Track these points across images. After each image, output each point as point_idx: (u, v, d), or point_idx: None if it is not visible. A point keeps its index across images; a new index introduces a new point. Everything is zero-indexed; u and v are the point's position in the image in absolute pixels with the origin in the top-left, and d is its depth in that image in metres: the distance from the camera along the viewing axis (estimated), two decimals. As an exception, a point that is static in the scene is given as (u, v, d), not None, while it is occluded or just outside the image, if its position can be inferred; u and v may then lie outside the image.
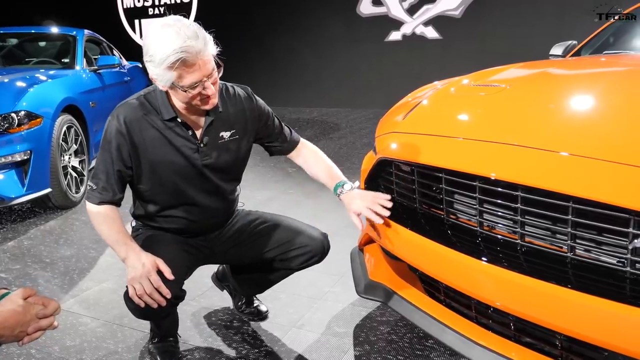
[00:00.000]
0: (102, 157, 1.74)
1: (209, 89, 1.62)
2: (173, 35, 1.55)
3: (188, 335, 2.10)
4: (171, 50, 1.53)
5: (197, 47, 1.56)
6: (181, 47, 1.53)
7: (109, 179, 1.73)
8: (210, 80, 1.62)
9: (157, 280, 1.59)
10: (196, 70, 1.58)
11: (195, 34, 1.57)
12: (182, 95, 1.64)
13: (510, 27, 7.22)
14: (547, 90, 1.86)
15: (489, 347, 1.49)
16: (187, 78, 1.58)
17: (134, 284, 1.59)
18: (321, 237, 1.90)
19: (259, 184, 4.29)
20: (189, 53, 1.54)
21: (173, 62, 1.54)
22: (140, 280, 1.58)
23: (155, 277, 1.59)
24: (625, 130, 1.41)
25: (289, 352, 1.97)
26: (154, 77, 1.62)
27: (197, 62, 1.57)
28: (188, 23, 1.60)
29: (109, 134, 1.73)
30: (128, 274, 1.61)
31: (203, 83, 1.61)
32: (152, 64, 1.59)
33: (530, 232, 1.39)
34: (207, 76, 1.61)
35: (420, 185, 1.68)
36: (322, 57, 8.67)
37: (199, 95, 1.63)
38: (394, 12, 8.11)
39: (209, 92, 1.63)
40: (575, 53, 2.86)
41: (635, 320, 1.15)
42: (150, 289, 1.58)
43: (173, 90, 1.65)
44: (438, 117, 1.84)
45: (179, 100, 1.68)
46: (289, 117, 7.97)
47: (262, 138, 1.94)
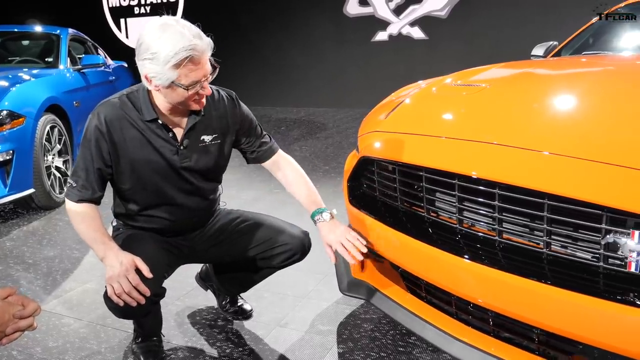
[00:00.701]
0: (82, 154, 1.74)
1: (206, 88, 1.65)
2: (178, 34, 1.56)
3: (172, 334, 2.10)
4: (180, 48, 1.54)
5: (202, 46, 1.59)
6: (190, 45, 1.55)
7: (88, 177, 1.73)
8: (207, 81, 1.64)
9: (135, 279, 1.58)
10: (200, 69, 1.60)
11: (199, 33, 1.60)
12: (179, 95, 1.63)
13: (495, 28, 7.28)
14: (526, 90, 1.89)
15: (468, 343, 1.51)
16: (190, 76, 1.59)
17: (112, 282, 1.58)
18: (302, 235, 1.91)
19: (245, 183, 4.29)
20: (197, 51, 1.57)
21: (181, 60, 1.55)
22: (118, 279, 1.57)
23: (133, 275, 1.58)
24: (598, 129, 1.44)
25: (272, 350, 1.98)
26: (151, 75, 1.61)
27: (202, 60, 1.59)
28: (189, 24, 1.62)
29: (89, 132, 1.72)
30: (106, 273, 1.60)
31: (202, 83, 1.62)
32: (152, 62, 1.58)
33: (508, 229, 1.42)
34: (206, 76, 1.63)
35: (401, 184, 1.70)
36: (309, 57, 8.67)
37: (196, 95, 1.64)
38: (380, 13, 8.14)
39: (206, 91, 1.65)
40: (556, 53, 2.90)
41: (608, 313, 1.17)
42: (128, 287, 1.57)
43: (170, 90, 1.63)
44: (419, 117, 1.86)
45: (172, 101, 1.67)
46: (276, 116, 7.97)
47: (241, 143, 1.94)
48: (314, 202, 1.88)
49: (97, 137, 1.71)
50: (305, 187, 1.93)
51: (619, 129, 1.40)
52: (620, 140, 1.34)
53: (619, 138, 1.35)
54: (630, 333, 1.17)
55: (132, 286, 1.58)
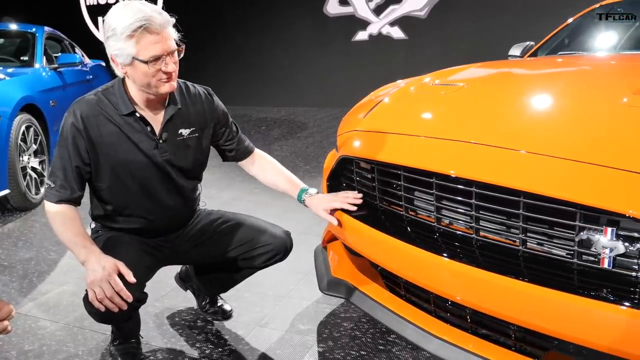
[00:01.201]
0: (60, 153, 1.71)
1: (169, 65, 1.62)
2: (136, 9, 1.57)
3: (151, 336, 2.08)
4: (134, 19, 1.55)
5: (160, 20, 1.58)
6: (144, 16, 1.55)
7: (67, 176, 1.70)
8: (171, 59, 1.62)
9: (117, 284, 1.55)
10: (158, 42, 1.58)
11: (159, 10, 1.61)
12: (142, 74, 1.61)
13: (473, 28, 7.36)
14: (502, 90, 1.92)
15: (446, 340, 1.52)
16: (148, 50, 1.57)
17: (94, 287, 1.54)
18: (284, 236, 1.91)
19: (225, 183, 4.27)
20: (152, 22, 1.56)
21: (134, 30, 1.55)
22: (100, 283, 1.54)
23: (115, 280, 1.55)
24: (572, 128, 1.46)
25: (252, 350, 1.98)
26: (113, 54, 1.61)
27: (161, 33, 1.58)
28: (152, 5, 1.62)
29: (65, 130, 1.70)
30: (87, 277, 1.57)
31: (164, 59, 1.60)
32: (113, 38, 1.59)
33: (485, 227, 1.43)
34: (169, 53, 1.61)
35: (380, 183, 1.71)
36: (290, 56, 8.67)
37: (159, 73, 1.62)
38: (360, 12, 8.16)
39: (169, 68, 1.62)
40: (532, 54, 2.94)
41: (581, 309, 1.19)
42: (110, 292, 1.54)
43: (132, 69, 1.62)
44: (398, 116, 1.87)
45: (138, 82, 1.66)
46: (257, 116, 7.94)
47: (219, 139, 1.93)
48: (296, 185, 1.91)
49: (74, 134, 1.68)
50: (283, 173, 1.97)
51: (592, 128, 1.43)
52: (593, 138, 1.37)
53: (592, 137, 1.38)
54: (603, 328, 1.19)
55: (115, 291, 1.54)
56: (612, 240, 1.18)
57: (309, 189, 1.88)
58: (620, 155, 1.25)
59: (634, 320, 1.13)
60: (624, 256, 1.19)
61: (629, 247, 1.16)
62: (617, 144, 1.31)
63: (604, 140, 1.34)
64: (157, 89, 1.66)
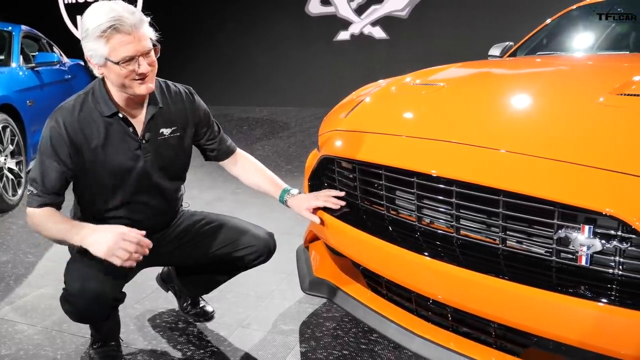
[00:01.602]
0: (40, 160, 1.67)
1: (142, 66, 1.58)
2: (108, 8, 1.55)
3: (131, 338, 2.06)
4: (105, 19, 1.52)
5: (131, 20, 1.55)
6: (114, 16, 1.52)
7: (48, 182, 1.65)
8: (146, 60, 1.59)
9: (132, 236, 1.54)
10: (130, 43, 1.55)
11: (132, 10, 1.57)
12: (115, 74, 1.59)
13: (454, 28, 7.41)
14: (482, 90, 1.93)
15: (428, 338, 1.53)
16: (119, 50, 1.54)
17: (114, 252, 1.52)
18: (267, 237, 1.91)
19: (207, 184, 4.24)
20: (122, 22, 1.53)
21: (104, 30, 1.52)
22: (119, 245, 1.52)
23: (130, 235, 1.55)
24: (550, 127, 1.48)
25: (234, 351, 1.97)
26: (88, 54, 1.59)
27: (132, 34, 1.54)
28: (127, 4, 1.60)
29: (46, 137, 1.66)
30: (97, 250, 1.54)
31: (137, 60, 1.57)
32: (86, 39, 1.56)
33: (466, 225, 1.44)
34: (143, 54, 1.58)
35: (361, 182, 1.71)
36: (272, 56, 8.64)
37: (133, 74, 1.59)
38: (342, 12, 8.17)
39: (142, 69, 1.58)
40: (511, 54, 2.97)
41: (560, 306, 1.21)
42: (133, 247, 1.53)
43: (106, 69, 1.60)
44: (379, 115, 1.88)
45: (113, 82, 1.64)
46: (239, 115, 7.91)
47: (201, 139, 1.92)
48: (278, 185, 1.91)
49: (56, 141, 1.64)
50: (265, 174, 1.96)
51: (570, 128, 1.44)
52: (571, 138, 1.38)
53: (570, 136, 1.39)
54: (581, 324, 1.21)
55: (135, 244, 1.54)
56: (589, 238, 1.19)
57: (291, 190, 1.88)
58: (597, 154, 1.27)
59: (611, 316, 1.15)
60: (601, 254, 1.21)
61: (606, 245, 1.18)
62: (594, 143, 1.32)
63: (581, 140, 1.36)
64: (132, 89, 1.63)
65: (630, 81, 1.66)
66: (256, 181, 1.96)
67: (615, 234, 1.18)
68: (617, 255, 1.19)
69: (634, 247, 1.16)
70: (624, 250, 1.18)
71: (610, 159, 1.22)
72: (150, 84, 1.65)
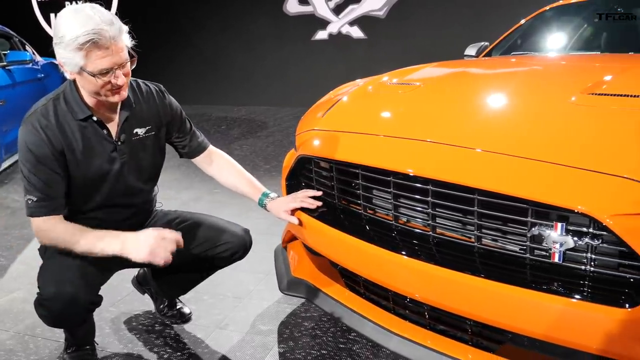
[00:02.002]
0: (27, 168, 1.60)
1: (119, 78, 1.55)
2: (85, 17, 1.49)
3: (107, 342, 2.03)
4: (83, 31, 1.47)
5: (110, 32, 1.50)
6: (93, 28, 1.47)
7: (46, 186, 1.60)
8: (122, 71, 1.56)
9: (171, 236, 1.60)
10: (108, 56, 1.51)
11: (111, 20, 1.52)
12: (90, 84, 1.56)
13: (431, 28, 7.47)
14: (457, 89, 1.95)
15: (406, 337, 1.54)
16: (97, 63, 1.51)
17: (158, 253, 1.57)
18: (242, 233, 1.90)
19: (185, 184, 4.20)
20: (102, 36, 1.48)
21: (83, 43, 1.47)
22: (160, 245, 1.57)
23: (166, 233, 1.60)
24: (523, 126, 1.50)
25: (212, 353, 1.95)
26: (61, 61, 1.54)
27: (110, 47, 1.51)
28: (104, 10, 1.55)
29: (28, 144, 1.60)
30: (139, 254, 1.57)
31: (114, 71, 1.54)
32: (60, 45, 1.51)
33: (442, 224, 1.45)
34: (120, 65, 1.55)
35: (338, 182, 1.71)
36: (250, 56, 8.60)
37: (109, 85, 1.56)
38: (320, 12, 8.17)
39: (119, 81, 1.56)
40: (487, 54, 3.00)
41: (534, 303, 1.23)
42: (173, 245, 1.59)
43: (81, 77, 1.56)
44: (356, 115, 1.88)
45: (87, 90, 1.60)
46: (217, 115, 7.85)
47: (173, 136, 1.90)
48: (258, 189, 1.91)
49: (38, 146, 1.59)
50: (243, 176, 1.95)
51: (543, 127, 1.46)
52: (544, 137, 1.40)
53: (543, 135, 1.41)
54: (555, 321, 1.22)
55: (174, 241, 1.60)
56: (562, 235, 1.21)
57: (270, 194, 1.88)
58: (569, 152, 1.29)
59: (583, 312, 1.17)
60: (574, 250, 1.23)
61: (578, 242, 1.20)
62: (566, 141, 1.35)
63: (554, 138, 1.38)
64: (105, 98, 1.60)
65: (601, 81, 1.69)
66: (234, 182, 1.95)
67: (587, 231, 1.20)
68: (589, 252, 1.21)
69: (605, 243, 1.19)
70: (596, 247, 1.20)
71: (582, 158, 1.24)
72: (124, 92, 1.62)
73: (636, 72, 1.84)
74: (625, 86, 1.60)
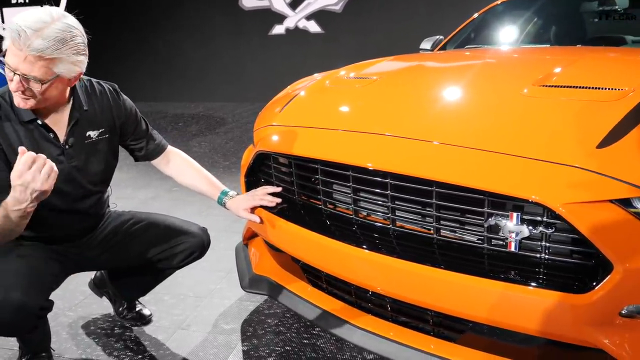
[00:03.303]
0: None
1: (13, 82, 1.47)
2: (30, 13, 1.45)
3: (64, 348, 1.96)
4: (20, 23, 1.42)
5: (34, 44, 1.42)
6: (22, 27, 1.42)
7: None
8: (20, 80, 1.47)
9: (40, 161, 1.38)
10: (14, 56, 1.45)
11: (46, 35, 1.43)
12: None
13: (388, 22, 7.53)
14: (413, 82, 1.97)
15: (369, 330, 1.55)
16: (8, 54, 1.46)
17: (33, 183, 1.37)
18: (200, 232, 1.87)
19: (141, 182, 4.11)
20: (20, 36, 1.42)
21: (10, 30, 1.43)
22: (31, 175, 1.37)
23: (35, 162, 1.38)
24: (478, 119, 1.53)
25: (174, 354, 1.92)
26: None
27: (22, 50, 1.43)
28: (59, 16, 1.48)
29: None
30: (20, 195, 1.39)
31: (13, 74, 1.47)
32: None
33: (401, 217, 1.46)
34: (22, 74, 1.46)
35: (298, 177, 1.71)
36: (206, 51, 8.47)
37: (11, 82, 1.49)
38: (276, 6, 8.11)
39: (12, 85, 1.48)
40: (441, 47, 3.05)
41: (492, 292, 1.25)
42: (47, 168, 1.39)
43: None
44: (313, 109, 1.87)
45: None
46: (173, 112, 7.71)
47: (128, 138, 1.84)
48: (216, 187, 1.88)
49: None
50: (201, 175, 1.92)
51: (497, 119, 1.50)
52: (497, 128, 1.44)
53: (496, 127, 1.45)
54: (512, 308, 1.26)
55: (43, 164, 1.39)
56: (517, 224, 1.24)
57: (229, 192, 1.85)
58: (522, 143, 1.32)
59: (540, 299, 1.20)
60: (529, 239, 1.26)
61: (533, 231, 1.23)
62: (518, 132, 1.38)
63: (507, 130, 1.41)
64: (14, 97, 1.53)
65: (551, 73, 1.73)
66: (192, 182, 1.91)
67: (541, 220, 1.23)
68: (543, 240, 1.24)
69: (559, 232, 1.22)
70: (550, 235, 1.23)
71: (534, 148, 1.28)
72: (29, 103, 1.53)
73: (583, 63, 1.90)
74: (573, 78, 1.65)
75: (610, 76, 1.70)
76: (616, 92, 1.45)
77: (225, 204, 1.83)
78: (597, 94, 1.47)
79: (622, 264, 1.13)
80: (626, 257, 1.14)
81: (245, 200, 1.79)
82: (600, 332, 1.20)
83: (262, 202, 1.74)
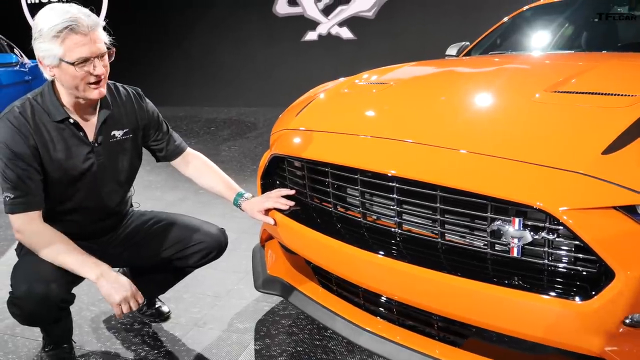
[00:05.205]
0: (2, 163, 1.61)
1: (97, 67, 1.57)
2: (62, 11, 1.54)
3: (85, 340, 2.04)
4: (60, 20, 1.51)
5: (87, 22, 1.54)
6: (70, 17, 1.52)
7: (24, 182, 1.61)
8: (100, 62, 1.59)
9: (139, 299, 1.66)
10: (86, 44, 1.54)
11: (88, 13, 1.57)
12: (69, 76, 1.56)
13: (420, 28, 7.51)
14: (427, 88, 1.98)
15: (375, 332, 1.56)
16: (74, 52, 1.53)
17: (124, 304, 1.60)
18: (218, 233, 1.91)
19: (170, 184, 4.21)
20: (78, 24, 1.52)
21: (60, 30, 1.51)
22: (130, 300, 1.61)
23: (139, 295, 1.66)
24: (487, 124, 1.53)
25: (189, 351, 1.97)
26: (40, 55, 1.57)
27: (88, 34, 1.54)
28: (81, 7, 1.59)
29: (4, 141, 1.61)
30: (112, 294, 1.59)
31: (92, 61, 1.56)
32: (39, 39, 1.54)
33: (407, 220, 1.47)
34: (98, 56, 1.57)
35: (310, 180, 1.73)
36: (240, 57, 8.62)
37: (88, 76, 1.57)
38: (309, 13, 8.20)
39: (97, 71, 1.57)
40: (466, 53, 3.03)
41: (495, 297, 1.25)
42: (135, 306, 1.63)
43: (60, 71, 1.57)
44: (327, 114, 1.90)
45: (66, 85, 1.61)
46: (206, 116, 7.86)
47: (149, 139, 1.91)
48: (232, 189, 1.92)
49: (16, 142, 1.60)
50: (220, 176, 1.97)
51: (506, 124, 1.49)
52: (505, 134, 1.43)
53: (504, 132, 1.44)
54: (515, 314, 1.25)
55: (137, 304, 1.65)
56: (519, 230, 1.23)
57: (245, 194, 1.89)
58: (527, 149, 1.31)
59: (541, 305, 1.19)
60: (532, 245, 1.25)
61: (535, 236, 1.23)
62: (525, 138, 1.37)
63: (514, 136, 1.40)
64: (84, 93, 1.61)
65: (567, 78, 1.71)
66: (210, 183, 1.96)
67: (543, 225, 1.22)
68: (546, 246, 1.23)
69: (561, 238, 1.21)
70: (552, 241, 1.22)
71: (538, 154, 1.27)
72: (103, 89, 1.64)
73: (601, 70, 1.87)
74: (587, 84, 1.63)
75: (625, 82, 1.67)
76: (627, 99, 1.42)
77: (241, 205, 1.87)
78: (607, 100, 1.44)
79: (625, 272, 1.11)
80: (629, 265, 1.12)
81: (259, 202, 1.82)
82: (604, 340, 1.18)
83: (275, 205, 1.77)
